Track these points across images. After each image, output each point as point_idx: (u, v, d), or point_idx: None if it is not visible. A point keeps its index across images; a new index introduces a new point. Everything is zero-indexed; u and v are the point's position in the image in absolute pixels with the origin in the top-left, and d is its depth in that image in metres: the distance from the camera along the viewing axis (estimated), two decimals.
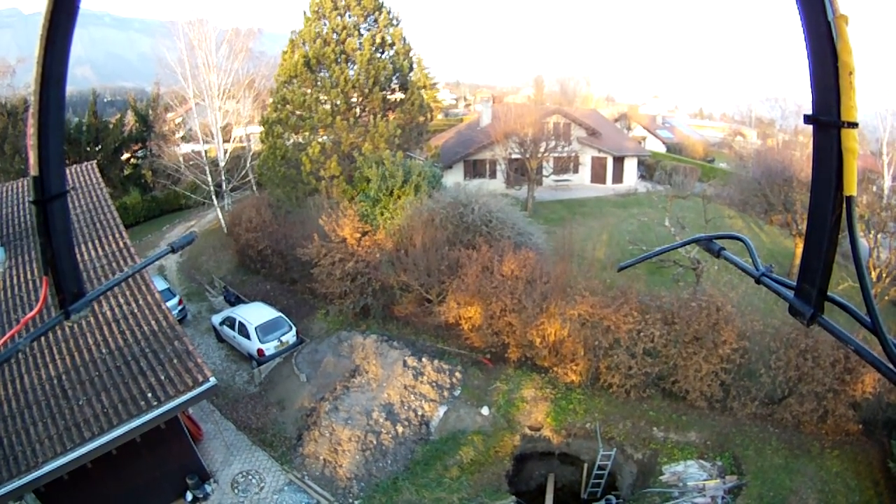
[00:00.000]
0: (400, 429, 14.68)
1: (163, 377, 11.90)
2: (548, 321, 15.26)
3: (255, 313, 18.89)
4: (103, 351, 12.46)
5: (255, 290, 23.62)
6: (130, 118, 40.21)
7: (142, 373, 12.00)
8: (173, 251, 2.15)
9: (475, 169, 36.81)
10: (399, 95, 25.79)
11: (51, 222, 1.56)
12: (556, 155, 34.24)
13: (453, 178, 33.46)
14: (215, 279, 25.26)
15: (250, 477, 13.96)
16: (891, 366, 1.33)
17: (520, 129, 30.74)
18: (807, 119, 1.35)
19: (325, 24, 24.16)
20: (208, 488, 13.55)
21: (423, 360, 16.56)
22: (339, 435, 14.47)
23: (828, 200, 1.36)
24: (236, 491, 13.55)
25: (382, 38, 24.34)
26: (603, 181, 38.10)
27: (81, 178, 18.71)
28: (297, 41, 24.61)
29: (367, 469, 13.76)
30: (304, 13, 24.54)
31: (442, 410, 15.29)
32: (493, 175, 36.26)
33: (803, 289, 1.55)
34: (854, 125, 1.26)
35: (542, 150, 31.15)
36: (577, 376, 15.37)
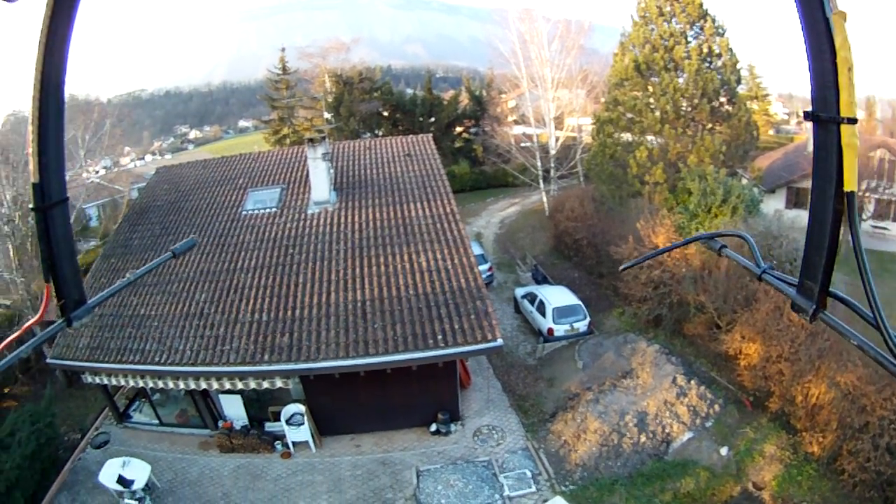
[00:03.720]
0: (643, 438, 14.76)
1: (457, 326, 13.20)
2: (815, 381, 13.69)
3: (556, 295, 19.68)
4: (410, 292, 14.16)
5: (562, 274, 24.44)
6: (464, 96, 43.64)
7: (439, 318, 13.44)
8: (174, 257, 2.28)
9: (797, 198, 32.41)
10: (727, 108, 24.41)
11: (51, 229, 1.56)
12: (876, 197, 28.51)
13: (774, 203, 29.99)
14: (528, 256, 26.76)
15: (494, 431, 15.02)
16: (894, 361, 1.32)
17: None
18: (806, 115, 1.37)
19: (652, 30, 24.03)
20: (453, 427, 14.89)
21: (692, 382, 16.33)
22: (588, 424, 15.04)
23: (829, 196, 1.37)
24: (476, 438, 14.74)
25: (709, 48, 23.35)
26: None
27: (419, 147, 21.10)
28: (626, 44, 24.95)
29: (597, 463, 14.10)
30: (632, 17, 24.72)
31: (687, 436, 14.99)
32: None
33: (805, 285, 1.53)
34: (853, 121, 1.27)
35: (861, 188, 26.52)
36: (819, 449, 13.52)
